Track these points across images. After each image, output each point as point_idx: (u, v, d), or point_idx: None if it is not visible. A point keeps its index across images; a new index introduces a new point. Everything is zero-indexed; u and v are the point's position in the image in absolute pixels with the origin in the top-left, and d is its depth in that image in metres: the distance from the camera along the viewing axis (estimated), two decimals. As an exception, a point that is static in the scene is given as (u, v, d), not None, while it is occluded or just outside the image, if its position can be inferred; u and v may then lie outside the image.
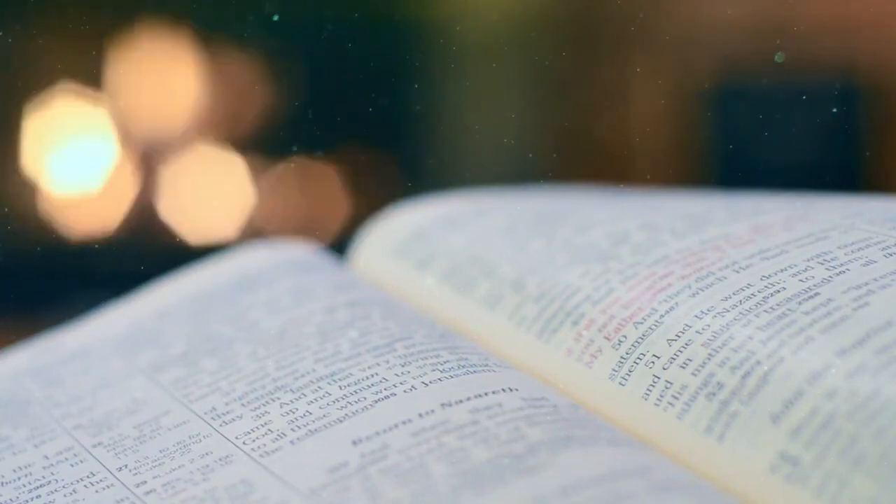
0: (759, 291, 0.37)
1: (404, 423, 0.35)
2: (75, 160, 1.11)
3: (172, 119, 1.13)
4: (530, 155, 1.10)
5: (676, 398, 0.35)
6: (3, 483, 0.38)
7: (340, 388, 0.37)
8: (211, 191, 1.12)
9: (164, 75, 1.13)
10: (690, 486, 0.32)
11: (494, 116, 1.14)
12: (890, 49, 1.08)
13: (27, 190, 1.08)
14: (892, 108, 1.07)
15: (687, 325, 0.36)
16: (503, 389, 0.36)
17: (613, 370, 0.37)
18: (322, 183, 1.10)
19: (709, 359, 0.35)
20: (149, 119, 1.12)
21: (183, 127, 1.13)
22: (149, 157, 1.11)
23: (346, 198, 1.09)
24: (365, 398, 0.36)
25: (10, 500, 0.37)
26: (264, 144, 1.11)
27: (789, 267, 0.37)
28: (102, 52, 1.09)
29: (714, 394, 0.34)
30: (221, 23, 1.10)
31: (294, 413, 0.37)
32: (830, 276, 0.36)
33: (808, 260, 0.38)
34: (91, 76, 1.09)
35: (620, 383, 0.37)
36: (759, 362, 0.34)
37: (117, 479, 0.36)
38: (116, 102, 1.10)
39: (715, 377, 0.35)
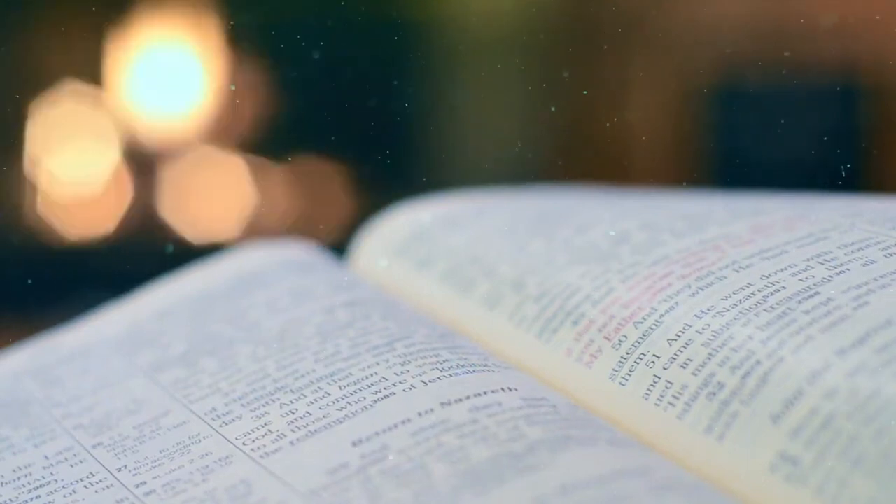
0: (758, 291, 0.37)
1: (404, 422, 0.35)
2: (76, 160, 1.11)
3: (173, 119, 1.13)
4: (530, 155, 1.10)
5: (677, 398, 0.35)
6: (2, 483, 0.38)
7: (340, 388, 0.37)
8: (211, 191, 1.12)
9: (166, 75, 1.13)
10: (690, 487, 0.32)
11: (494, 116, 1.13)
12: (890, 49, 1.08)
13: (28, 189, 1.08)
14: (892, 108, 1.07)
15: (687, 325, 0.36)
16: (502, 389, 0.36)
17: (613, 370, 0.37)
18: (322, 183, 1.10)
19: (709, 359, 0.35)
20: (149, 119, 1.12)
21: (183, 127, 1.13)
22: (149, 157, 1.11)
23: (346, 198, 1.09)
24: (364, 398, 0.36)
25: (10, 500, 0.37)
26: (264, 145, 1.11)
27: (789, 266, 0.37)
28: (104, 51, 1.09)
29: (714, 394, 0.34)
30: (222, 23, 1.10)
31: (294, 413, 0.37)
32: (830, 276, 0.36)
33: (808, 260, 0.38)
34: (92, 75, 1.09)
35: (621, 383, 0.37)
36: (759, 362, 0.34)
37: (117, 479, 0.36)
38: (118, 102, 1.10)
39: (715, 377, 0.35)
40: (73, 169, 1.11)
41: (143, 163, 1.10)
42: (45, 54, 1.08)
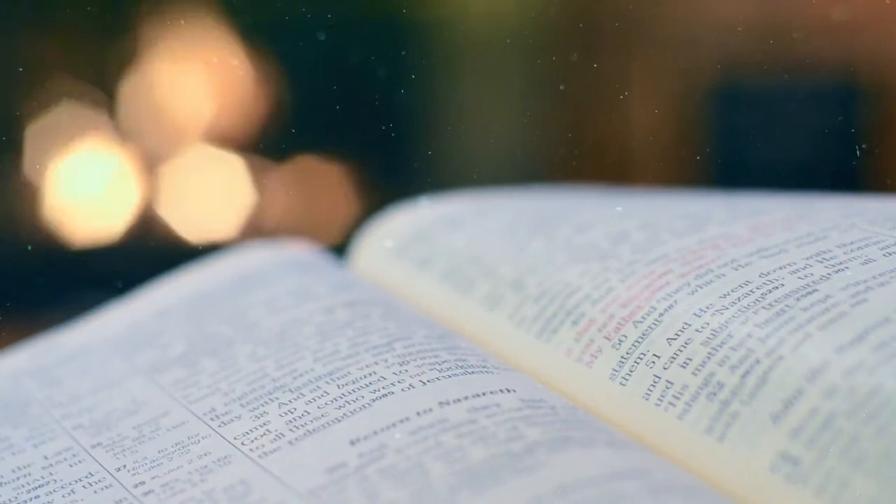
0: (757, 288, 0.37)
1: (402, 421, 0.35)
2: (76, 161, 1.11)
3: (173, 119, 1.13)
4: (530, 155, 1.10)
5: (677, 398, 0.35)
6: (2, 483, 0.38)
7: (338, 386, 0.37)
8: (211, 191, 1.12)
9: (165, 75, 1.13)
10: (689, 488, 0.32)
11: (494, 116, 1.13)
12: (890, 49, 1.08)
13: (28, 189, 1.08)
14: (892, 108, 1.07)
15: (686, 324, 0.36)
16: (501, 390, 0.36)
17: (614, 370, 0.37)
18: (322, 183, 1.10)
19: (709, 358, 0.35)
20: (150, 120, 1.12)
21: (184, 127, 1.13)
22: (149, 158, 1.11)
23: (346, 198, 1.09)
24: (363, 397, 0.36)
25: (9, 500, 0.37)
26: (264, 144, 1.11)
27: (788, 265, 0.37)
28: (104, 54, 1.09)
29: (714, 394, 0.34)
30: (222, 23, 1.10)
31: (292, 413, 0.37)
32: (829, 274, 0.36)
33: (807, 258, 0.38)
34: (92, 77, 1.09)
35: (621, 383, 0.37)
36: (758, 361, 0.34)
37: (116, 479, 0.36)
38: (118, 104, 1.10)
39: (715, 377, 0.35)
40: (74, 168, 1.11)
41: (142, 162, 1.10)
42: (47, 57, 1.08)
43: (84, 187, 1.11)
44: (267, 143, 1.11)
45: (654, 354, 0.36)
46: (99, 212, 1.12)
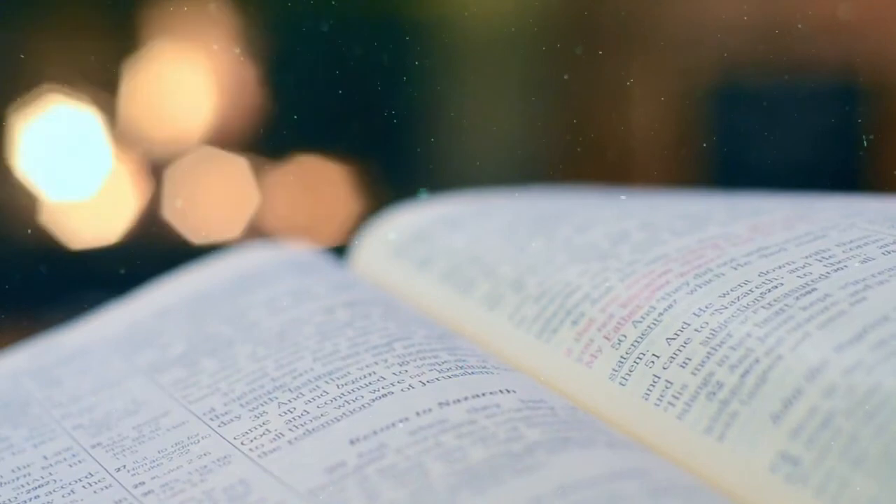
0: (756, 287, 0.37)
1: (402, 421, 0.35)
2: (77, 161, 1.11)
3: (175, 120, 1.13)
4: (530, 155, 1.10)
5: (677, 398, 0.35)
6: (1, 483, 0.38)
7: (338, 386, 0.37)
8: (214, 191, 1.12)
9: (167, 76, 1.13)
10: (688, 489, 0.32)
11: (494, 116, 1.13)
12: (890, 49, 1.08)
13: (29, 190, 1.08)
14: (892, 108, 1.07)
15: (686, 323, 0.36)
16: (501, 391, 0.36)
17: (613, 370, 0.37)
18: (322, 183, 1.10)
19: (708, 357, 0.35)
20: (151, 120, 1.12)
21: (186, 127, 1.13)
22: (152, 158, 1.11)
23: (347, 198, 1.09)
24: (362, 396, 0.36)
25: (9, 500, 0.37)
26: (265, 145, 1.11)
27: (787, 264, 0.37)
28: (107, 55, 1.09)
29: (714, 393, 0.34)
30: (224, 24, 1.10)
31: (292, 413, 0.37)
32: (828, 273, 0.36)
33: (807, 257, 0.38)
34: (94, 78, 1.09)
35: (620, 383, 0.37)
36: (757, 360, 0.34)
37: (115, 479, 0.36)
38: (119, 104, 1.10)
39: (714, 376, 0.35)
40: (75, 169, 1.11)
41: (145, 164, 1.10)
42: (44, 57, 1.08)
43: (85, 187, 1.11)
44: (268, 143, 1.11)
45: (654, 354, 0.36)
46: (100, 212, 1.12)
